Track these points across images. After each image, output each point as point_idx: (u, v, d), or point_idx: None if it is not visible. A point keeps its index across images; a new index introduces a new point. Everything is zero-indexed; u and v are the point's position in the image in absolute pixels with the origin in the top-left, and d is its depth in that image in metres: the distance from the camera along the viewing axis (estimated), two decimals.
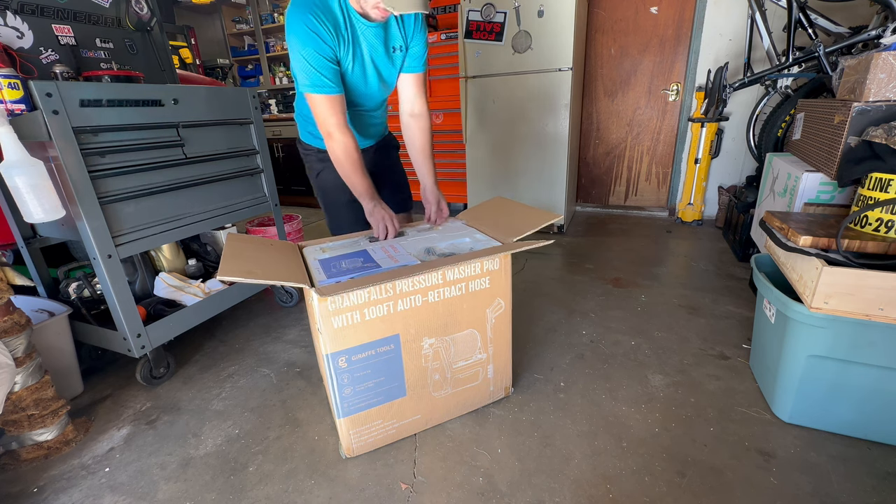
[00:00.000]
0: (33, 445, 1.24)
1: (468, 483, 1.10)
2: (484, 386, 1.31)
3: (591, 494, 1.05)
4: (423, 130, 1.37)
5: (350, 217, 1.44)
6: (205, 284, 1.78)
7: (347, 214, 1.45)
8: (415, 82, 1.33)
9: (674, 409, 1.31)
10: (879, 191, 1.12)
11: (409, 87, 1.34)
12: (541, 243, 1.12)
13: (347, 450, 1.17)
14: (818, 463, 1.09)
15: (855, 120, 1.29)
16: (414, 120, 1.37)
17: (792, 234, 1.15)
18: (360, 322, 1.04)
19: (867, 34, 1.89)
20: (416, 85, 1.34)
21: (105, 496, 1.12)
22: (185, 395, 1.51)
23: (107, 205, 1.33)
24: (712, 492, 1.03)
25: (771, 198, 1.86)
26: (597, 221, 3.36)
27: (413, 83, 1.33)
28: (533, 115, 2.83)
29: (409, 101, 1.36)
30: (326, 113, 1.18)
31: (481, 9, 2.75)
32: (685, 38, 3.00)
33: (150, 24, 1.86)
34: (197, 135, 1.58)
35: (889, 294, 0.98)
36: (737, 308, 1.87)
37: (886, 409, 1.10)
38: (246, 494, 1.10)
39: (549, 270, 2.43)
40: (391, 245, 1.25)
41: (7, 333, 1.15)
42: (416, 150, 1.39)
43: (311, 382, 1.54)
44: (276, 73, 4.90)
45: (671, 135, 3.25)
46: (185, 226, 1.58)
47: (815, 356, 1.12)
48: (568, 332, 1.77)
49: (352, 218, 1.44)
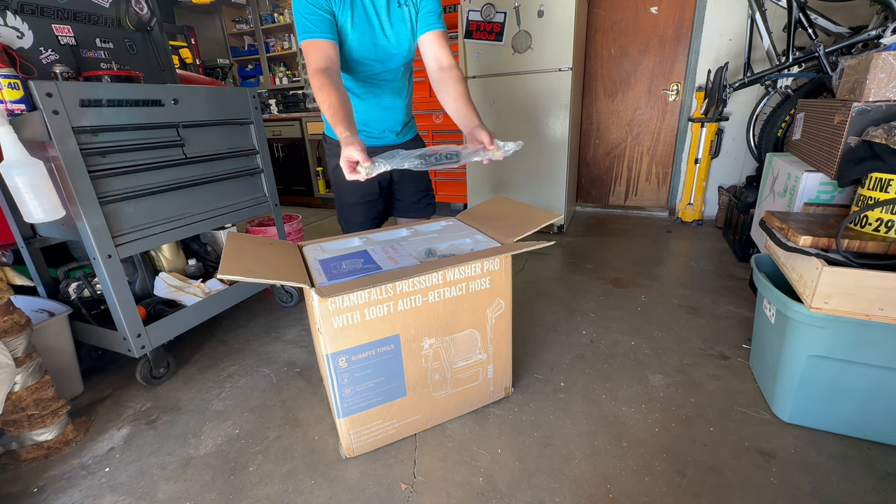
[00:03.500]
0: (33, 445, 1.24)
1: (468, 483, 1.10)
2: (484, 386, 1.31)
3: (591, 494, 1.05)
4: (458, 79, 1.26)
5: (358, 218, 1.45)
6: (205, 284, 1.78)
7: (355, 216, 1.45)
8: (436, 40, 1.26)
9: (674, 409, 1.31)
10: (879, 191, 1.12)
11: (432, 45, 1.27)
12: (541, 244, 1.12)
13: (347, 450, 1.17)
14: (818, 463, 1.09)
15: (855, 120, 1.29)
16: (444, 72, 1.27)
17: (792, 234, 1.15)
18: (360, 322, 1.04)
19: (867, 34, 1.89)
20: (439, 41, 1.26)
21: (105, 496, 1.12)
22: (185, 395, 1.51)
23: (107, 205, 1.33)
24: (712, 492, 1.03)
25: (771, 198, 1.87)
26: (597, 221, 3.36)
27: (434, 41, 1.26)
28: (533, 115, 2.83)
29: (434, 59, 1.28)
30: (310, 57, 1.15)
31: (481, 9, 2.75)
32: (685, 38, 3.00)
33: (150, 24, 1.86)
34: (197, 135, 1.58)
35: (889, 294, 0.98)
36: (737, 308, 1.87)
37: (886, 409, 1.10)
38: (246, 494, 1.10)
39: (549, 270, 2.43)
40: (391, 246, 1.25)
41: (7, 333, 1.15)
42: (456, 97, 1.25)
43: (311, 382, 1.54)
44: (276, 73, 4.90)
45: (671, 135, 3.25)
46: (185, 226, 1.58)
47: (815, 356, 1.12)
48: (568, 332, 1.77)
49: (360, 219, 1.45)
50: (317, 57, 1.14)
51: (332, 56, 1.16)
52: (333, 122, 1.09)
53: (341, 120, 1.08)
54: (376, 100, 1.35)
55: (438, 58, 1.27)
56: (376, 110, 1.37)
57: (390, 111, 1.39)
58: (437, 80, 1.28)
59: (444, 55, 1.27)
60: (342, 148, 1.00)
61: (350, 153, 0.98)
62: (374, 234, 1.36)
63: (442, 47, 1.27)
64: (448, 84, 1.26)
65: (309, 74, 1.16)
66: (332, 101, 1.09)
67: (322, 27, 1.14)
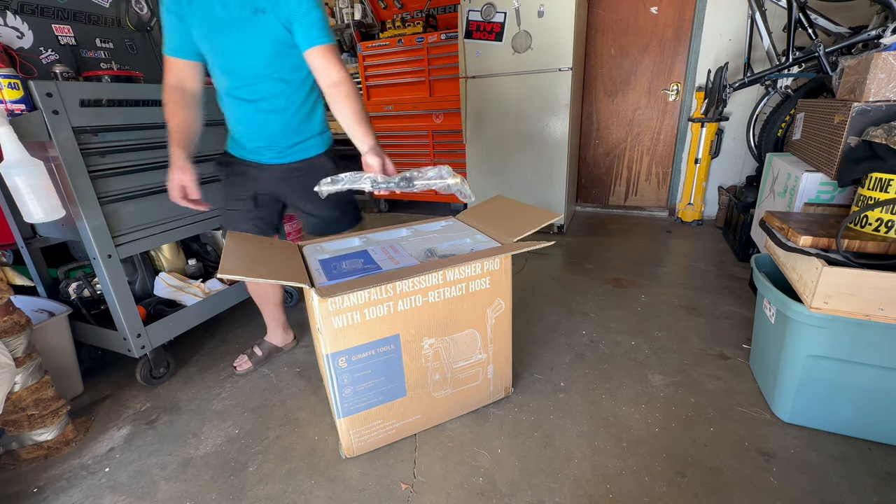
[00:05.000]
0: (33, 445, 1.24)
1: (468, 483, 1.10)
2: (484, 386, 1.31)
3: (591, 494, 1.05)
4: (349, 95, 1.15)
5: (231, 224, 1.40)
6: (205, 284, 1.78)
7: (227, 221, 1.41)
8: (322, 55, 1.14)
9: (674, 409, 1.31)
10: (879, 191, 1.12)
11: (318, 61, 1.15)
12: (541, 244, 1.12)
13: (347, 450, 1.17)
14: (818, 463, 1.09)
15: (855, 120, 1.29)
16: (335, 88, 1.16)
17: (792, 234, 1.15)
18: (360, 322, 1.04)
19: (867, 34, 1.89)
20: (325, 57, 1.14)
21: (105, 496, 1.12)
22: (185, 395, 1.51)
23: (107, 205, 1.33)
24: (712, 492, 1.03)
25: (771, 198, 1.87)
26: (597, 221, 3.36)
27: (320, 56, 1.14)
28: (533, 115, 2.83)
29: (322, 74, 1.16)
30: (164, 72, 1.20)
31: (481, 9, 2.75)
32: (685, 38, 3.00)
33: (150, 24, 1.86)
34: None
35: (889, 294, 0.98)
36: (737, 308, 1.87)
37: (886, 409, 1.10)
38: (246, 494, 1.10)
39: (549, 270, 2.43)
40: (391, 246, 1.25)
41: (7, 333, 1.15)
42: (347, 115, 1.15)
43: (311, 382, 1.54)
44: None
45: (671, 135, 3.25)
46: (185, 226, 1.58)
47: (815, 356, 1.12)
48: (568, 332, 1.77)
49: (232, 225, 1.40)
50: (168, 72, 1.20)
51: (183, 74, 1.21)
52: (169, 140, 1.18)
53: (174, 140, 1.18)
54: (245, 113, 1.27)
55: (326, 73, 1.16)
56: (246, 125, 1.29)
57: (262, 127, 1.28)
58: (330, 97, 1.19)
59: (333, 70, 1.16)
60: (171, 172, 1.15)
61: (174, 175, 1.13)
62: (374, 234, 1.36)
63: (327, 62, 1.15)
64: (340, 101, 1.16)
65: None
66: (169, 121, 1.19)
67: (174, 40, 1.18)
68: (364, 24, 3.88)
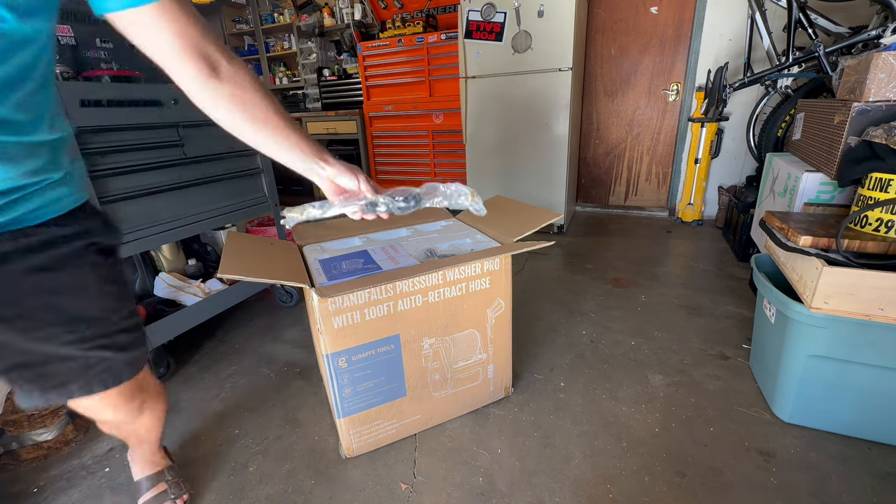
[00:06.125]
0: (33, 445, 1.24)
1: (468, 483, 1.10)
2: (484, 386, 1.31)
3: (591, 494, 1.05)
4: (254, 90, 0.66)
5: None
6: (205, 284, 1.78)
7: None
8: (160, 20, 0.58)
9: (674, 409, 1.31)
10: (879, 191, 1.12)
11: (157, 35, 0.60)
12: (541, 244, 1.12)
13: (347, 450, 1.17)
14: (818, 463, 1.09)
15: (855, 120, 1.29)
16: (222, 83, 0.65)
17: (792, 234, 1.15)
18: (360, 322, 1.04)
19: (867, 34, 1.89)
20: (170, 28, 0.60)
21: (105, 496, 1.12)
22: (185, 395, 1.51)
23: (106, 205, 1.33)
24: (712, 492, 1.03)
25: (771, 198, 1.87)
26: (597, 221, 3.36)
27: (156, 23, 0.59)
28: (533, 115, 2.83)
29: (179, 59, 0.63)
30: None
31: (481, 9, 2.75)
32: (685, 38, 3.00)
33: None
34: (197, 135, 1.58)
35: (889, 294, 0.98)
36: (737, 308, 1.87)
37: (886, 409, 1.10)
38: (246, 494, 1.10)
39: (549, 270, 2.42)
40: (391, 246, 1.25)
41: None
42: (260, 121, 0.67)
43: (311, 382, 1.54)
44: (276, 73, 4.90)
45: (671, 135, 3.25)
46: (185, 226, 1.58)
47: (815, 356, 1.12)
48: (568, 332, 1.77)
49: None
50: None
51: None
52: None
53: None
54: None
55: (187, 55, 0.64)
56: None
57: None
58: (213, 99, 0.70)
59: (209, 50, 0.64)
60: None
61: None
62: (374, 234, 1.36)
63: (185, 42, 0.63)
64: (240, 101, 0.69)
65: None
66: None
67: None
68: (364, 24, 3.88)
